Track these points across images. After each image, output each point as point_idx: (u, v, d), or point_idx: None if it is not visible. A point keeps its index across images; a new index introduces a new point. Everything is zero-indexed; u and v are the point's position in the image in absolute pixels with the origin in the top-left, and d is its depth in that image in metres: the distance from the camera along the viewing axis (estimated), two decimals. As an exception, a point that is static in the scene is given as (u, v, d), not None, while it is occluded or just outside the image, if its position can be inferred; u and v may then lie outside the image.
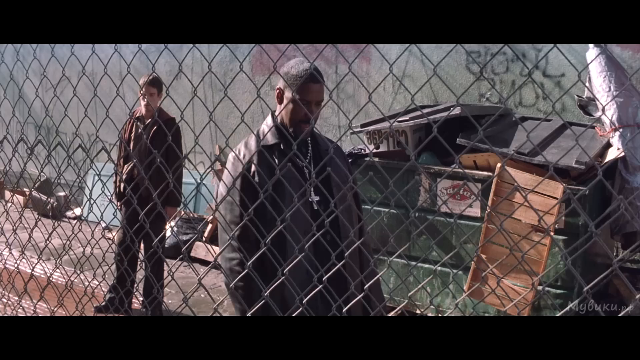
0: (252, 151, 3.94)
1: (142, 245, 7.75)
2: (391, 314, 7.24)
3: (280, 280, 2.82)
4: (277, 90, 4.03)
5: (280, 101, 4.03)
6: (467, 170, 6.55)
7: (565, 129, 6.94)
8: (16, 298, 4.54)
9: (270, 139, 3.95)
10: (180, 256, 3.24)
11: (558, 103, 7.79)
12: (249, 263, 2.83)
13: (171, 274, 3.03)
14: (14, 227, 4.34)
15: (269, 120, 4.07)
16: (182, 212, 10.15)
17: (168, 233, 9.64)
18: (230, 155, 4.03)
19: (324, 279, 2.66)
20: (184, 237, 9.96)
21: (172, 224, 10.01)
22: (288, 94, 3.92)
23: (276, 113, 4.06)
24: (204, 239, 10.12)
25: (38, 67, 4.17)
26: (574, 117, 7.54)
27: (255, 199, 3.07)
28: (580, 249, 5.87)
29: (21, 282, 4.41)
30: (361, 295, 2.67)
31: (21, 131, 4.06)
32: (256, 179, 3.82)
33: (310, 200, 3.96)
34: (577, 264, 5.97)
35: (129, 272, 6.86)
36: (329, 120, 9.68)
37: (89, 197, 12.16)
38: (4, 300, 5.37)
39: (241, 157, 3.95)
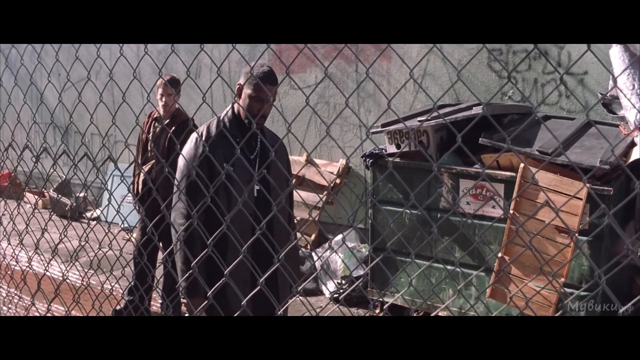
0: (213, 137, 4.55)
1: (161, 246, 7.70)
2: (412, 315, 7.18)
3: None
4: (238, 86, 4.62)
5: (239, 95, 4.62)
6: (489, 171, 6.47)
7: (588, 128, 6.84)
8: (28, 299, 4.50)
9: (229, 129, 4.54)
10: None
11: (581, 101, 7.68)
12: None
13: (181, 288, 2.98)
14: (19, 229, 4.31)
15: (229, 111, 4.72)
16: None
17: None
18: (193, 136, 4.65)
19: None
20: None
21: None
22: (247, 90, 4.53)
23: (235, 106, 4.71)
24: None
25: (57, 68, 4.12)
26: (597, 116, 7.43)
27: (210, 177, 4.19)
28: (610, 261, 5.77)
29: (34, 284, 4.37)
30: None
31: (27, 137, 4.03)
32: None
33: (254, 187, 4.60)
34: (600, 265, 5.87)
35: (146, 274, 6.81)
36: (350, 120, 9.61)
37: (98, 198, 12.14)
38: (15, 301, 5.34)
39: (202, 139, 4.54)
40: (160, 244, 7.58)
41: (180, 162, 4.60)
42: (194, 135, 4.63)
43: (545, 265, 5.49)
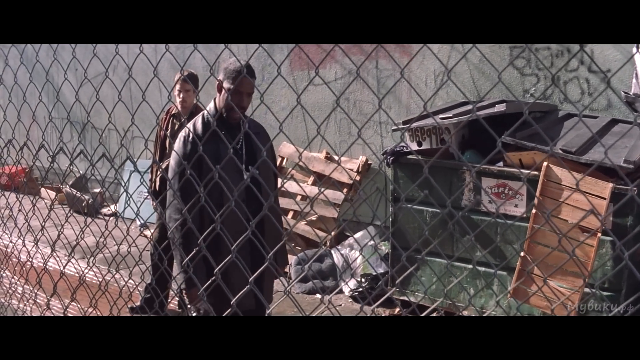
0: (199, 134, 4.85)
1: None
2: (434, 314, 7.13)
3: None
4: (217, 82, 4.90)
5: (219, 91, 4.92)
6: (512, 169, 6.40)
7: (612, 126, 6.77)
8: (46, 297, 4.46)
9: (213, 124, 4.64)
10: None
11: (604, 99, 7.59)
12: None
13: (200, 290, 2.97)
14: (43, 224, 4.27)
15: (211, 106, 5.01)
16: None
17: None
18: (181, 134, 4.92)
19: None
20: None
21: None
22: (225, 85, 4.82)
23: (215, 100, 5.00)
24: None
25: (74, 63, 4.10)
26: (620, 114, 7.34)
27: (200, 172, 4.47)
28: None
29: (51, 281, 4.33)
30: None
31: (42, 136, 4.00)
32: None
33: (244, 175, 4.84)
34: (624, 265, 5.78)
35: (164, 273, 6.76)
36: (370, 116, 9.55)
37: (115, 196, 12.13)
38: (32, 299, 5.31)
39: (190, 137, 4.83)
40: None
41: (172, 161, 4.94)
42: (182, 134, 4.92)
43: (570, 265, 5.43)
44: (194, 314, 4.77)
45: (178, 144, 4.85)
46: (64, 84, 4.17)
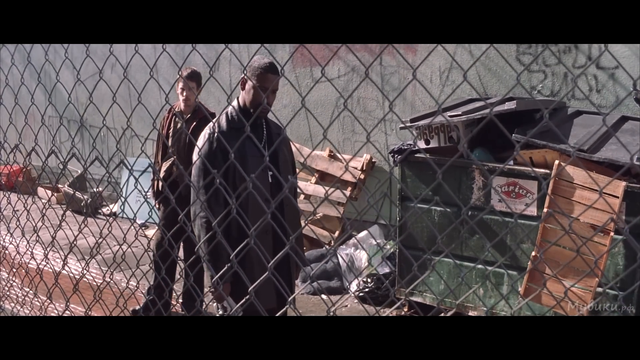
0: (224, 130, 4.89)
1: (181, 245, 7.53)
2: (441, 315, 7.04)
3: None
4: (242, 79, 4.97)
5: (244, 88, 4.98)
6: (523, 167, 6.30)
7: (622, 123, 6.68)
8: (44, 299, 4.40)
9: (237, 122, 4.89)
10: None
11: (612, 96, 7.52)
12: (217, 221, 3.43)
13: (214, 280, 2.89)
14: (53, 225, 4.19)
15: (235, 104, 5.05)
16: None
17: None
18: (206, 131, 4.96)
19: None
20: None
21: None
22: (251, 82, 4.84)
23: (239, 98, 5.04)
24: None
25: (73, 62, 4.03)
26: (629, 111, 7.25)
27: (225, 170, 4.54)
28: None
29: (50, 283, 4.27)
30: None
31: (52, 142, 3.92)
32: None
33: (269, 173, 4.97)
34: (637, 265, 5.70)
35: (167, 275, 6.65)
36: (374, 114, 9.47)
37: (121, 194, 12.02)
38: (29, 299, 5.24)
39: (215, 134, 4.83)
40: (182, 244, 7.41)
41: (195, 157, 5.03)
42: (206, 131, 4.95)
43: (583, 265, 5.37)
44: (220, 311, 4.74)
45: (203, 141, 4.89)
46: (63, 83, 4.07)
